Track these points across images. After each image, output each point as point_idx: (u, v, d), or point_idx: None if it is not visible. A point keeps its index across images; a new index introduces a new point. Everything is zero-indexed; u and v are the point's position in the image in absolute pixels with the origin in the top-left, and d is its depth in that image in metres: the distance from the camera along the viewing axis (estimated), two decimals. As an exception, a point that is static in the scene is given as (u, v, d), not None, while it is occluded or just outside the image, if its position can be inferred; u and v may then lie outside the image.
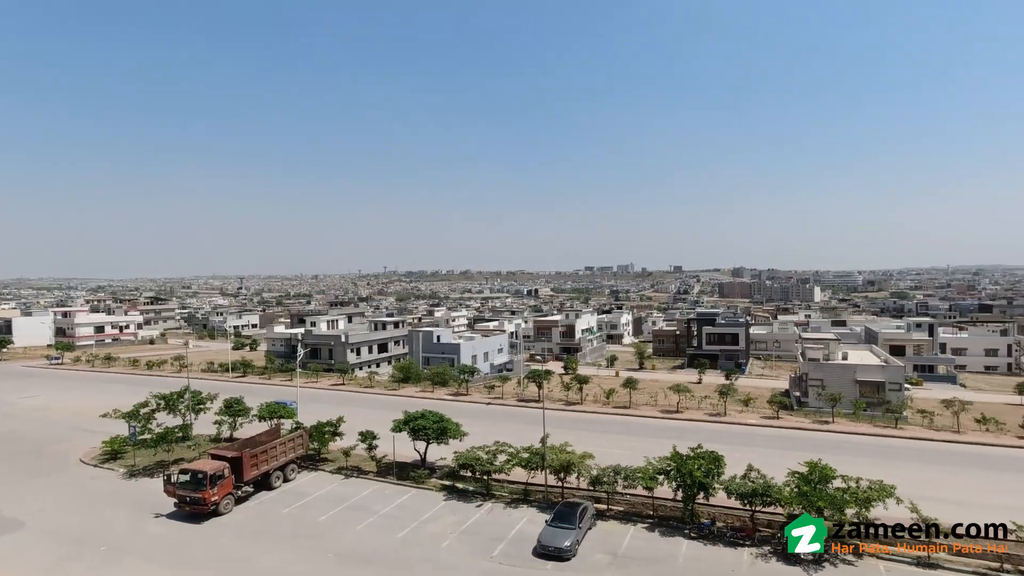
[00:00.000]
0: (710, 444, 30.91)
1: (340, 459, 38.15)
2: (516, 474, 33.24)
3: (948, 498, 29.70)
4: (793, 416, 51.65)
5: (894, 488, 25.30)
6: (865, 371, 55.55)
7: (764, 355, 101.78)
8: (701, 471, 27.48)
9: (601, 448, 35.74)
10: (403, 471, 35.99)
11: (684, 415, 51.95)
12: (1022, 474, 35.60)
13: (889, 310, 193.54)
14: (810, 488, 25.51)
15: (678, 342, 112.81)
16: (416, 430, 36.10)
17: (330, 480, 35.75)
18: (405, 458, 37.23)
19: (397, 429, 36.62)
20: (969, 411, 47.92)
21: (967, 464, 37.77)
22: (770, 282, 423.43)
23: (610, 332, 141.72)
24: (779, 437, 44.53)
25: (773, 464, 29.43)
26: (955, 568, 23.56)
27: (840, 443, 42.41)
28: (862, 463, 33.42)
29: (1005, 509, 26.36)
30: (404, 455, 37.23)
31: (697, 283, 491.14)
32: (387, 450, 36.97)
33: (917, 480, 32.30)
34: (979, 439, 43.33)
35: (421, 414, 37.01)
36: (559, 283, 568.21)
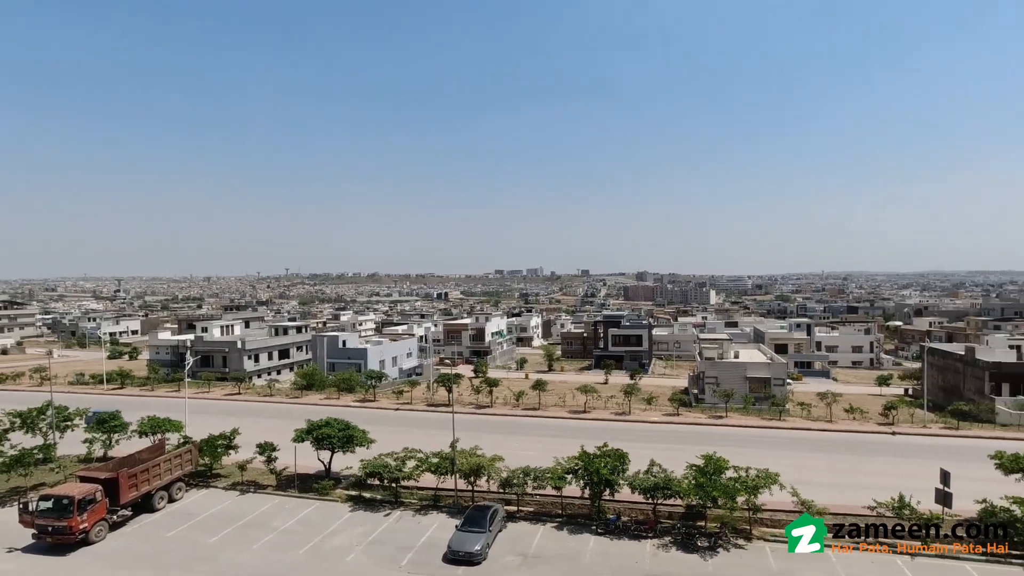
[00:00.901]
0: (616, 442, 32.17)
1: (235, 474, 35.65)
2: (426, 480, 32.77)
3: (823, 481, 32.93)
4: (692, 412, 55.05)
5: (778, 475, 27.61)
6: (754, 368, 60.45)
7: (666, 355, 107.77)
8: (607, 469, 28.53)
9: (511, 450, 36.09)
10: (306, 483, 34.29)
11: (591, 415, 53.75)
12: (883, 456, 40.19)
13: (774, 312, 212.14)
14: (706, 479, 27.26)
15: (585, 344, 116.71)
16: (320, 439, 34.51)
17: (223, 497, 33.30)
18: (308, 469, 35.50)
19: (299, 439, 34.82)
20: (840, 402, 53.55)
21: (839, 450, 42.11)
22: (671, 286, 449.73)
23: (520, 335, 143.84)
24: (679, 433, 47.27)
25: (674, 458, 31.14)
26: (827, 544, 26.15)
27: (733, 436, 45.78)
28: (752, 453, 36.29)
29: (869, 488, 29.67)
30: (307, 466, 35.48)
31: (604, 287, 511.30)
32: (288, 462, 35.04)
33: (798, 466, 35.57)
34: (848, 427, 48.53)
35: (325, 422, 35.49)
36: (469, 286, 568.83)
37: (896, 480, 30.56)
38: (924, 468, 32.14)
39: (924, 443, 43.66)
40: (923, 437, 45.61)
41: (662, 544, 26.49)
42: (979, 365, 57.01)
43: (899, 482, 29.38)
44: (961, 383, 59.99)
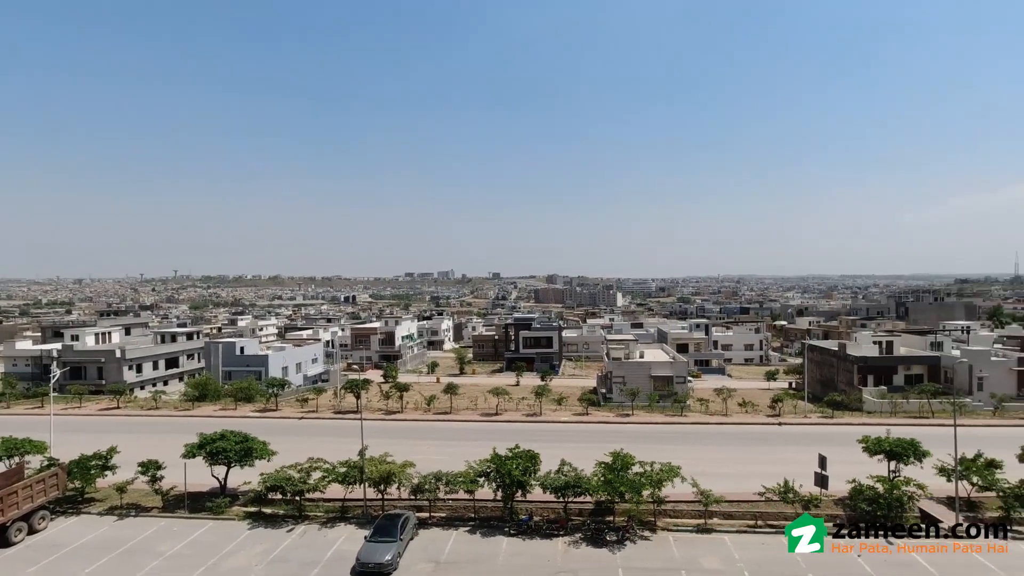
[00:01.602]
0: (527, 443, 32.64)
1: (113, 497, 32.31)
2: (333, 491, 31.48)
3: (721, 472, 35.31)
4: (600, 411, 57.08)
5: (679, 468, 29.25)
6: (658, 367, 63.75)
7: (575, 356, 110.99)
8: (519, 470, 28.89)
9: (423, 455, 35.58)
10: (198, 502, 31.75)
11: (503, 417, 54.23)
12: (771, 445, 43.84)
13: (676, 313, 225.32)
14: (614, 476, 28.38)
15: (497, 346, 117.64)
16: (214, 453, 32.07)
17: (98, 524, 30.07)
18: (201, 487, 32.91)
19: (190, 455, 32.18)
20: (734, 397, 57.79)
21: (734, 441, 45.41)
22: (580, 288, 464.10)
23: (431, 338, 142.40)
24: (588, 431, 48.85)
25: (584, 457, 32.09)
26: (723, 530, 28.16)
27: (639, 432, 48.00)
28: (656, 448, 38.23)
29: (760, 475, 32.16)
30: (200, 484, 32.89)
31: (515, 289, 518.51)
32: (177, 480, 32.30)
33: (698, 458, 37.86)
34: (741, 419, 52.47)
35: (220, 435, 33.07)
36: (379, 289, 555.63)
37: (782, 467, 33.41)
38: (806, 454, 35.37)
39: (805, 431, 48.12)
40: (804, 426, 50.27)
41: (573, 541, 27.21)
42: (849, 359, 63.78)
43: (785, 468, 32.17)
44: (835, 376, 66.78)
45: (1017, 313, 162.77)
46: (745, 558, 25.21)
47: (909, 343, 72.23)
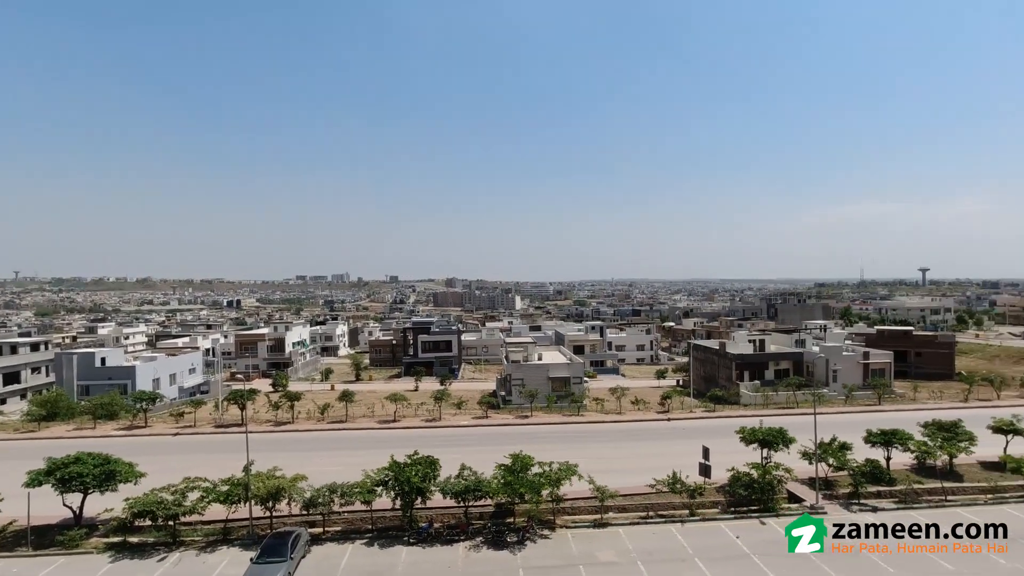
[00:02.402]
0: (427, 449, 32.27)
1: (-69, 538, 27.60)
2: (214, 512, 29.10)
3: (616, 468, 36.95)
4: (500, 414, 57.70)
5: (577, 467, 30.27)
6: (555, 369, 65.63)
7: (475, 360, 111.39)
8: (418, 477, 28.44)
9: (317, 467, 34.00)
10: (46, 537, 27.94)
11: (402, 423, 53.17)
12: (661, 440, 46.62)
13: (573, 315, 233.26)
14: (514, 477, 28.81)
15: (395, 351, 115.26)
16: (67, 480, 28.27)
17: (-89, 571, 25.53)
18: (50, 519, 29.04)
19: (34, 483, 28.15)
20: (627, 395, 60.85)
21: (628, 438, 47.77)
22: (479, 292, 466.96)
23: (325, 344, 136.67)
24: (489, 434, 49.18)
25: (484, 460, 32.24)
26: (618, 523, 29.54)
27: (538, 433, 49.09)
28: (555, 448, 39.34)
29: (651, 469, 34.08)
30: (49, 516, 29.02)
31: (413, 293, 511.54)
32: (18, 514, 28.26)
33: (595, 456, 39.45)
34: (634, 417, 55.38)
35: (75, 458, 29.35)
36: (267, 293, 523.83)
37: (672, 459, 35.62)
38: (692, 447, 37.92)
39: (692, 425, 51.76)
40: (691, 420, 54.06)
41: (474, 545, 27.23)
42: (728, 357, 69.55)
43: (674, 461, 34.34)
44: (717, 372, 72.50)
45: (863, 313, 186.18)
46: (638, 548, 26.61)
47: (778, 341, 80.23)
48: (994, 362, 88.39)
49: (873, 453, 35.49)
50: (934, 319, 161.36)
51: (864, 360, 68.35)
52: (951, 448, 34.49)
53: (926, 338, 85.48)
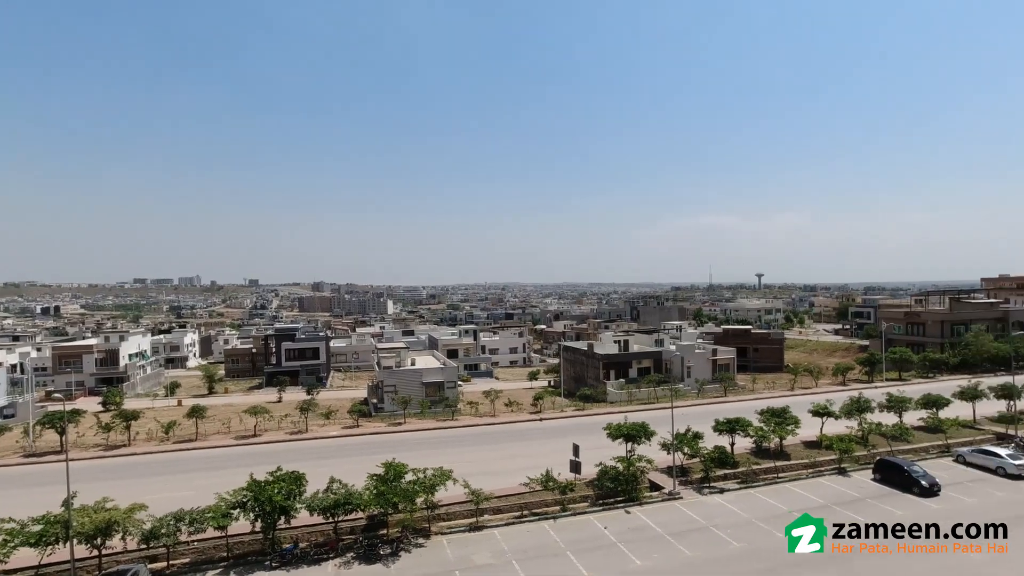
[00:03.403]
0: (292, 464, 30.37)
1: None
2: (22, 558, 24.83)
3: (491, 470, 37.41)
4: (372, 422, 55.91)
5: (451, 471, 30.20)
6: (429, 374, 65.06)
7: (345, 367, 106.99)
8: (281, 494, 26.59)
9: (160, 493, 30.55)
10: None
11: (263, 438, 49.49)
12: (535, 440, 47.98)
13: (446, 320, 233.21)
14: (386, 487, 28.01)
15: (255, 361, 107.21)
16: None
17: None
18: None
19: None
20: (501, 398, 61.96)
21: (502, 439, 48.59)
22: (349, 296, 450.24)
23: (171, 355, 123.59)
24: (360, 444, 47.40)
25: (355, 471, 31.02)
26: (493, 525, 29.92)
27: (411, 440, 48.25)
28: (429, 454, 38.86)
29: (526, 469, 34.97)
30: None
31: (276, 298, 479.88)
32: None
33: (470, 460, 39.63)
34: (508, 418, 56.51)
35: None
36: (96, 298, 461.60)
37: (545, 459, 36.81)
38: (564, 444, 39.53)
39: (563, 424, 53.96)
40: (562, 420, 56.34)
41: (344, 562, 26.03)
42: (596, 357, 73.59)
43: (547, 460, 35.53)
44: (586, 372, 76.36)
45: (712, 314, 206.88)
46: (513, 548, 27.14)
47: (641, 341, 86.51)
48: (813, 355, 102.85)
49: (721, 440, 39.49)
50: (768, 319, 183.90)
51: (713, 357, 75.94)
52: (781, 431, 39.55)
53: (762, 336, 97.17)
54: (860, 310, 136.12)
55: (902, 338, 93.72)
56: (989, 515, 30.49)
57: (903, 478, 34.59)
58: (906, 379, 74.19)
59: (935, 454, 41.76)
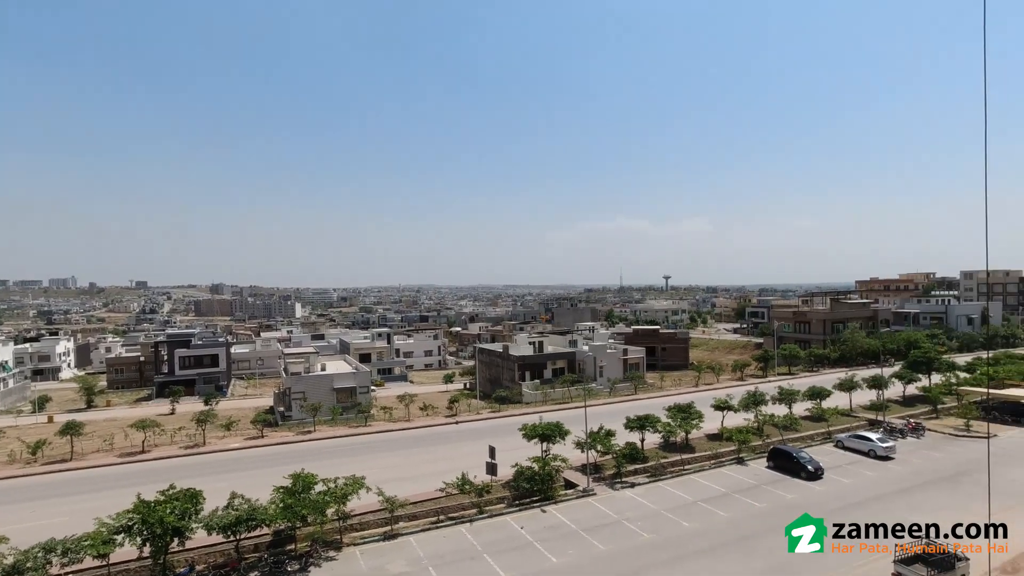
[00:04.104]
0: (188, 480, 28.35)
1: None
2: None
3: (406, 475, 36.77)
4: (279, 431, 53.22)
5: (364, 479, 29.35)
6: (340, 379, 62.93)
7: (248, 374, 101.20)
8: (174, 514, 24.62)
9: (27, 523, 27.50)
10: None
11: (153, 454, 45.67)
12: (451, 443, 47.60)
13: (359, 323, 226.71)
14: (294, 499, 26.75)
15: (144, 370, 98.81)
16: None
17: None
18: None
19: None
20: (416, 401, 61.05)
21: (418, 444, 47.80)
22: (252, 299, 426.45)
23: (40, 366, 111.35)
24: (265, 456, 44.96)
25: (260, 485, 29.42)
26: (409, 532, 29.38)
27: (322, 449, 46.41)
28: (341, 462, 37.62)
29: (442, 473, 34.70)
30: None
31: (168, 301, 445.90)
32: None
33: (384, 466, 38.78)
34: (423, 423, 55.75)
35: None
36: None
37: (461, 462, 36.73)
38: (480, 447, 39.65)
39: (479, 426, 54.02)
40: (478, 422, 56.40)
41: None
42: (511, 359, 74.36)
43: (463, 463, 35.45)
44: (501, 374, 76.94)
45: (622, 315, 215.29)
46: (429, 554, 26.79)
47: (555, 342, 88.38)
48: (715, 353, 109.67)
49: (632, 436, 41.15)
50: (674, 319, 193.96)
51: (624, 356, 79.00)
52: (687, 426, 41.84)
53: (669, 335, 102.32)
54: (756, 310, 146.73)
55: (791, 336, 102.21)
56: (861, 494, 34.01)
57: (792, 464, 37.73)
58: (795, 373, 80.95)
59: (819, 441, 45.86)
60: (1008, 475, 36.50)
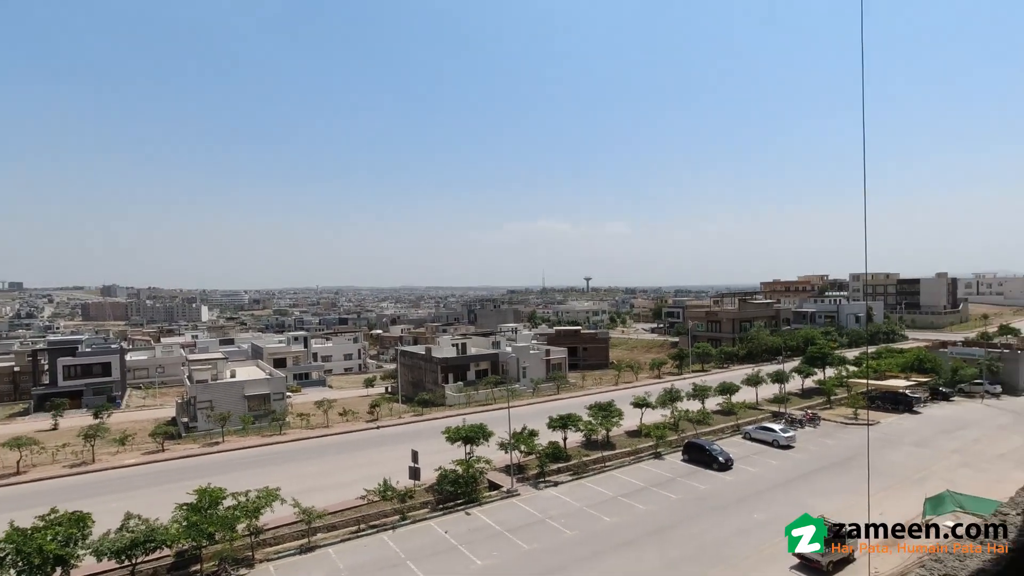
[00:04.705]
0: (74, 503, 25.92)
1: None
2: None
3: (325, 484, 35.42)
4: (182, 444, 49.73)
5: (279, 490, 27.99)
6: (252, 386, 59.76)
7: (146, 383, 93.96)
8: (56, 541, 22.34)
9: None
10: None
11: (31, 475, 41.26)
12: (372, 449, 46.29)
13: (273, 326, 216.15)
14: (200, 516, 25.06)
15: (18, 381, 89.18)
16: None
17: None
18: None
19: None
20: (335, 407, 59.02)
21: (337, 451, 46.16)
22: (151, 302, 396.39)
23: None
24: (167, 471, 41.78)
25: (161, 503, 27.41)
26: (327, 543, 28.28)
27: (232, 461, 43.77)
28: (254, 474, 35.68)
29: (363, 480, 33.68)
30: None
31: (49, 304, 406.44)
32: None
33: (301, 475, 37.18)
34: (343, 428, 53.94)
35: None
36: None
37: (383, 467, 35.82)
38: (402, 452, 38.80)
39: (401, 431, 52.95)
40: (400, 426, 55.27)
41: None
42: (434, 361, 73.55)
43: (385, 468, 34.61)
44: (424, 377, 75.91)
45: (545, 316, 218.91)
46: (349, 565, 25.93)
47: (478, 344, 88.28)
48: (634, 352, 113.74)
49: (555, 436, 41.85)
50: (595, 319, 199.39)
51: (546, 357, 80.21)
52: (607, 424, 43.09)
53: (590, 336, 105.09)
54: (672, 310, 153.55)
55: (704, 334, 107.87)
56: (766, 481, 36.38)
57: (705, 456, 39.78)
58: (707, 370, 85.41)
59: (729, 433, 48.64)
60: (888, 458, 40.35)
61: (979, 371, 65.82)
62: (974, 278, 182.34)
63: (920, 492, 30.70)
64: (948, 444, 44.31)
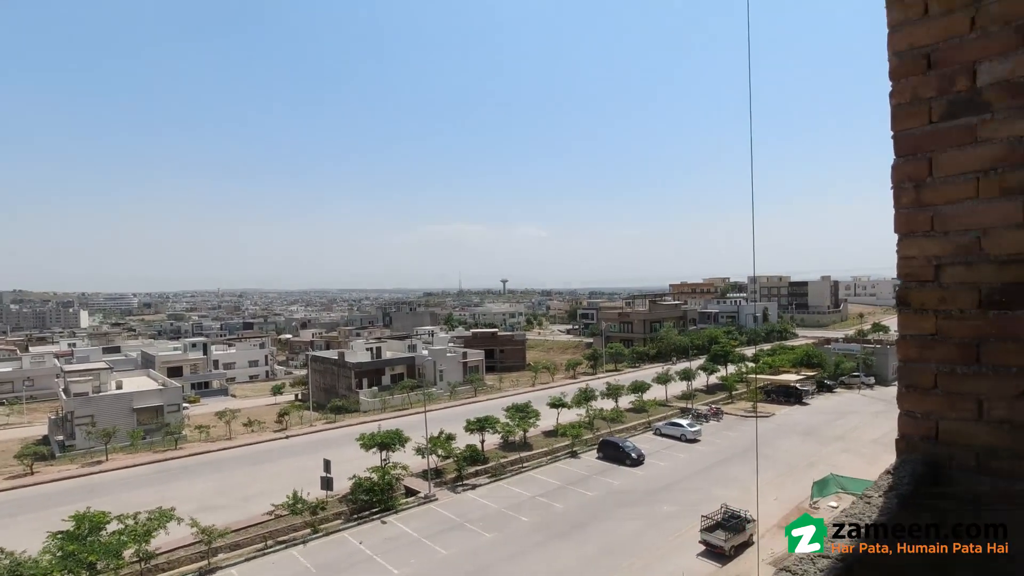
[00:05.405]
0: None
1: None
2: None
3: (228, 501, 33.35)
4: (56, 465, 44.95)
5: (173, 510, 25.97)
6: (142, 398, 55.15)
7: (10, 398, 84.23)
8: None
9: None
10: None
11: None
12: (280, 460, 43.93)
13: (167, 332, 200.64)
14: (78, 545, 22.68)
15: None
16: None
17: None
18: None
19: None
20: (239, 417, 55.58)
21: (241, 464, 43.39)
22: (18, 307, 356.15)
23: None
24: (37, 496, 37.49)
25: (30, 532, 24.69)
26: (231, 563, 26.55)
27: (118, 481, 40.04)
28: (144, 494, 32.86)
29: (270, 493, 32.07)
30: None
31: None
32: None
33: (198, 494, 34.66)
34: (248, 440, 50.89)
35: None
36: None
37: (292, 479, 34.16)
38: (314, 461, 37.18)
39: (312, 439, 50.72)
40: (311, 435, 52.98)
41: (12, 653, 20.25)
42: (347, 366, 71.22)
43: (295, 480, 33.04)
44: (337, 382, 73.26)
45: (462, 318, 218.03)
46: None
47: (393, 347, 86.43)
48: (550, 353, 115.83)
49: (473, 439, 41.66)
50: (511, 321, 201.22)
51: (464, 359, 79.90)
52: (524, 425, 43.57)
53: (507, 337, 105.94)
54: (586, 312, 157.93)
55: (617, 335, 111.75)
56: (676, 474, 38.21)
57: (619, 453, 41.13)
58: (620, 369, 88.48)
59: (641, 430, 50.61)
60: (782, 447, 43.67)
61: (856, 365, 72.59)
62: (852, 281, 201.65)
63: (809, 477, 33.54)
64: (832, 431, 48.51)
